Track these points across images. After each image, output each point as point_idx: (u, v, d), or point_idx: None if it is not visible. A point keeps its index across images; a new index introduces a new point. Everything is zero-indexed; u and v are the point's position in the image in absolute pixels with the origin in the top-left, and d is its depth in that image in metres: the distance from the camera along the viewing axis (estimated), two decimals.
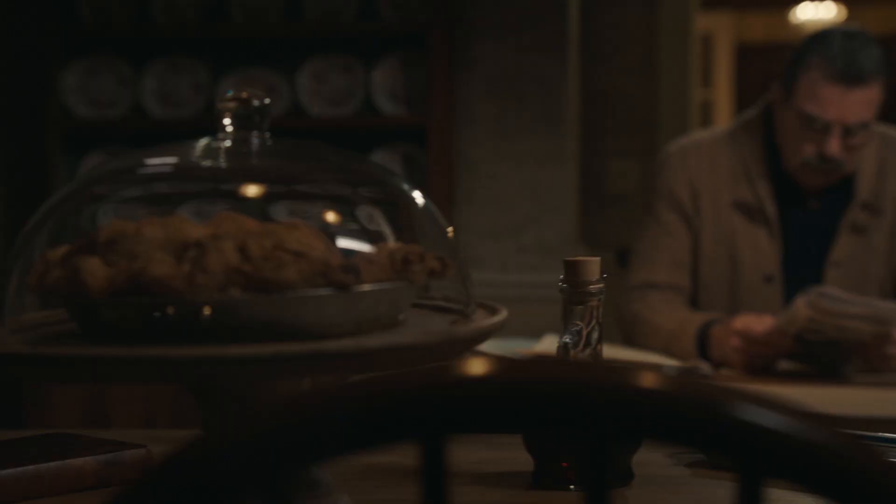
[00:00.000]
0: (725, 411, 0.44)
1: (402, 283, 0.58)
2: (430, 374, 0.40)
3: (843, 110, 1.95)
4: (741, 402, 0.45)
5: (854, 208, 2.07)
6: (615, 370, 0.44)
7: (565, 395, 0.41)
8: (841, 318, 1.79)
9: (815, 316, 1.79)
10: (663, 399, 0.43)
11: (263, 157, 0.64)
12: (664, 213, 2.17)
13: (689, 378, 0.44)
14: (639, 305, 2.14)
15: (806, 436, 0.43)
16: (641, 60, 4.13)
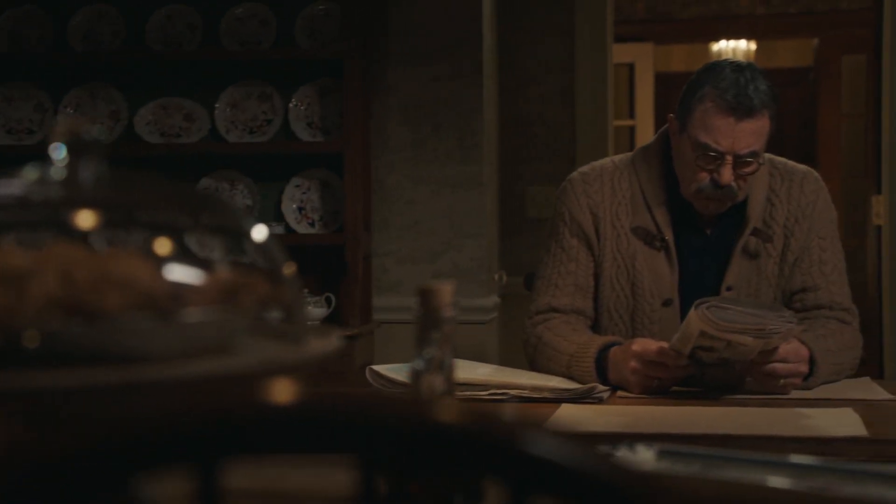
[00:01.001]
0: (497, 439, 0.47)
1: (231, 310, 0.62)
2: (208, 400, 0.43)
3: (734, 140, 2.02)
4: (512, 431, 0.49)
5: (746, 234, 2.14)
6: (395, 401, 0.47)
7: (336, 424, 0.45)
8: (729, 332, 1.84)
9: (706, 329, 1.84)
10: (430, 428, 0.46)
11: (95, 186, 0.66)
12: (567, 239, 2.22)
13: (469, 407, 0.48)
14: (542, 329, 2.18)
15: (569, 460, 0.47)
16: (560, 89, 4.21)
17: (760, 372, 1.93)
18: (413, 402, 0.45)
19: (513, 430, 0.47)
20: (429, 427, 0.45)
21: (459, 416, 0.48)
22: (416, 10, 3.15)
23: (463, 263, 3.19)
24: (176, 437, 0.42)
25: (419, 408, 0.44)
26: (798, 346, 1.95)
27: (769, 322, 1.85)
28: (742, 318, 1.85)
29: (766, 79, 2.07)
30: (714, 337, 1.85)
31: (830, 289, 2.17)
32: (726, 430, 1.67)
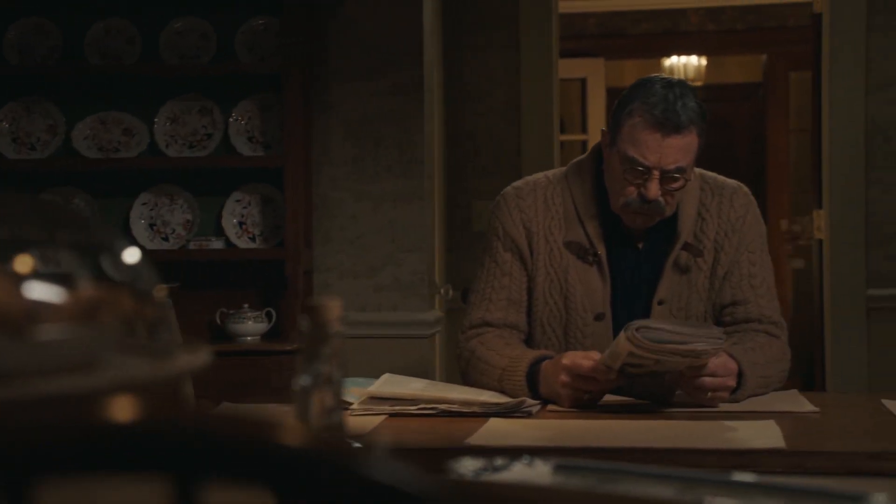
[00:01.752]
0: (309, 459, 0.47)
1: (93, 327, 0.62)
2: (20, 420, 0.43)
3: (662, 156, 2.03)
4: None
5: (677, 249, 2.16)
6: (220, 422, 0.47)
7: (149, 445, 0.45)
8: (658, 354, 1.86)
9: (635, 350, 1.85)
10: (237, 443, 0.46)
11: None
12: (500, 254, 2.23)
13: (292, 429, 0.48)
14: (475, 343, 2.19)
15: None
16: (506, 104, 4.23)
17: (689, 385, 1.95)
18: (227, 422, 0.45)
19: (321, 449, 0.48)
20: (247, 447, 0.45)
21: (286, 437, 0.48)
22: (356, 26, 3.16)
23: (404, 278, 3.20)
24: None
25: (229, 427, 0.45)
26: (727, 360, 1.97)
27: (698, 342, 1.87)
28: (671, 338, 1.86)
29: (696, 96, 2.09)
30: (643, 357, 1.86)
31: (759, 302, 2.19)
32: (648, 443, 1.68)
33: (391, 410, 1.95)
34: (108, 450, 0.46)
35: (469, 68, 4.23)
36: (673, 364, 1.89)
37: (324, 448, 0.48)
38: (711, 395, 1.95)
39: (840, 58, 3.95)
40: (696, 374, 1.93)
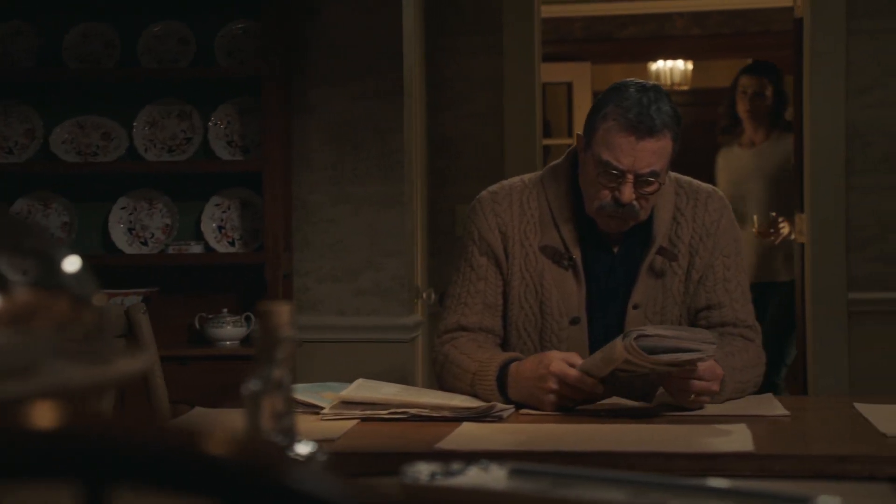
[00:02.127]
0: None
1: (27, 332, 0.62)
2: None
3: (636, 159, 2.03)
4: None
5: (652, 253, 2.16)
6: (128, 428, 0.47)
7: (61, 449, 0.45)
8: (654, 364, 1.86)
9: (631, 358, 1.85)
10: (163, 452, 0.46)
11: None
12: (476, 258, 2.23)
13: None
14: (448, 347, 2.19)
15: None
16: (489, 108, 4.24)
17: (675, 386, 1.95)
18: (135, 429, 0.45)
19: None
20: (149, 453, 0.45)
21: (200, 444, 0.48)
22: (336, 29, 3.16)
23: (384, 282, 3.20)
24: None
25: (139, 434, 0.45)
26: (714, 364, 1.97)
27: (693, 350, 1.86)
28: (666, 344, 1.86)
29: (670, 100, 2.10)
30: (638, 365, 1.86)
31: (734, 306, 2.19)
32: (618, 447, 1.69)
33: (362, 415, 1.95)
34: (21, 455, 0.46)
35: (452, 72, 4.24)
36: (665, 371, 1.90)
37: (238, 455, 0.48)
38: (695, 398, 1.96)
39: (820, 62, 3.97)
40: (684, 376, 1.93)
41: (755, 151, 4.57)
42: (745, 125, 4.58)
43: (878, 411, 1.90)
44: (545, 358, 2.02)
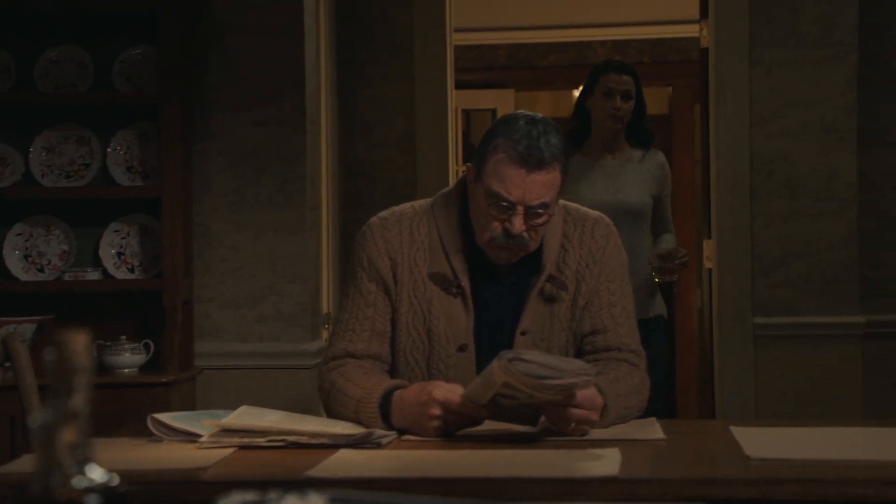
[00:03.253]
0: None
1: None
2: None
3: (525, 191, 2.05)
4: None
5: (541, 281, 2.18)
6: None
7: None
8: (533, 389, 1.87)
9: (509, 381, 1.86)
10: None
11: None
12: (365, 284, 2.23)
13: None
14: (335, 374, 2.18)
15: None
16: (401, 134, 4.26)
17: (555, 414, 1.97)
18: None
19: None
20: None
21: None
22: (238, 56, 3.16)
23: (286, 308, 3.19)
24: None
25: None
26: (594, 394, 1.99)
27: (570, 377, 1.88)
28: (543, 372, 1.87)
29: (559, 133, 2.12)
30: (517, 389, 1.87)
31: (619, 331, 2.22)
32: (488, 473, 1.70)
33: (240, 443, 1.94)
34: None
35: (364, 99, 4.25)
36: (544, 397, 1.91)
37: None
38: (575, 427, 1.97)
39: (725, 92, 4.04)
40: (563, 404, 1.95)
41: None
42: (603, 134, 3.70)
43: (751, 435, 1.93)
44: (429, 385, 2.03)
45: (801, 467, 1.67)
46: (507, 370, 1.84)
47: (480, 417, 1.99)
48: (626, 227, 3.41)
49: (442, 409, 1.97)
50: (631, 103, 3.66)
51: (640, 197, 3.63)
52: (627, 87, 3.65)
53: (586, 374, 1.90)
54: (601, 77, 3.68)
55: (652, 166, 3.70)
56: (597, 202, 3.36)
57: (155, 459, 1.84)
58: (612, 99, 3.63)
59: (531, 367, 1.86)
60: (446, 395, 1.97)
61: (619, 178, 3.62)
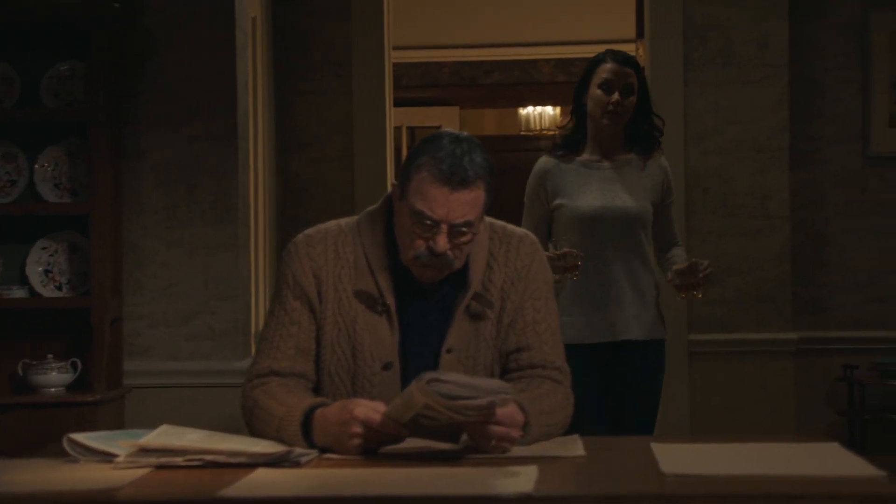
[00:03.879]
0: None
1: None
2: None
3: (449, 210, 2.05)
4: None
5: (467, 299, 2.18)
6: None
7: None
8: (450, 410, 1.87)
9: (428, 402, 1.86)
10: None
11: None
12: (290, 302, 2.21)
13: None
14: (258, 392, 2.17)
15: None
16: (340, 151, 4.26)
17: (476, 432, 1.97)
18: None
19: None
20: None
21: None
22: (169, 72, 3.14)
23: (218, 326, 3.16)
24: None
25: None
26: (515, 411, 1.99)
27: (487, 396, 1.88)
28: (461, 392, 1.87)
29: (484, 151, 2.12)
30: (436, 410, 1.87)
31: (543, 348, 2.22)
32: (401, 490, 1.69)
33: (157, 462, 1.92)
34: None
35: (302, 115, 4.25)
36: (464, 418, 1.91)
37: None
38: (496, 444, 1.97)
39: (661, 110, 4.08)
40: (483, 421, 1.95)
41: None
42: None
43: (670, 451, 1.94)
44: (350, 403, 2.02)
45: (714, 483, 1.68)
46: (425, 392, 1.84)
47: (402, 436, 1.98)
48: (624, 235, 3.21)
49: (363, 427, 1.97)
50: (631, 99, 3.16)
51: (639, 203, 3.23)
52: (629, 81, 3.15)
53: (505, 393, 1.90)
54: (598, 67, 3.19)
55: (654, 170, 3.28)
56: (591, 209, 3.19)
57: (68, 480, 1.81)
58: (609, 92, 3.15)
59: (449, 387, 1.86)
60: (368, 414, 1.97)
61: (617, 183, 3.22)
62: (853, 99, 4.19)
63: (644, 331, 3.19)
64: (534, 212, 3.31)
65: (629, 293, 3.19)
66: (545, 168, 3.31)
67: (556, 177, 3.26)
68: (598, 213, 3.19)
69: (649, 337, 3.20)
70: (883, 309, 4.21)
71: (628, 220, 3.20)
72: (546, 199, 3.28)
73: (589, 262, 3.12)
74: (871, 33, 4.14)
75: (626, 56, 3.22)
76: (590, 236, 3.18)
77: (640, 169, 3.25)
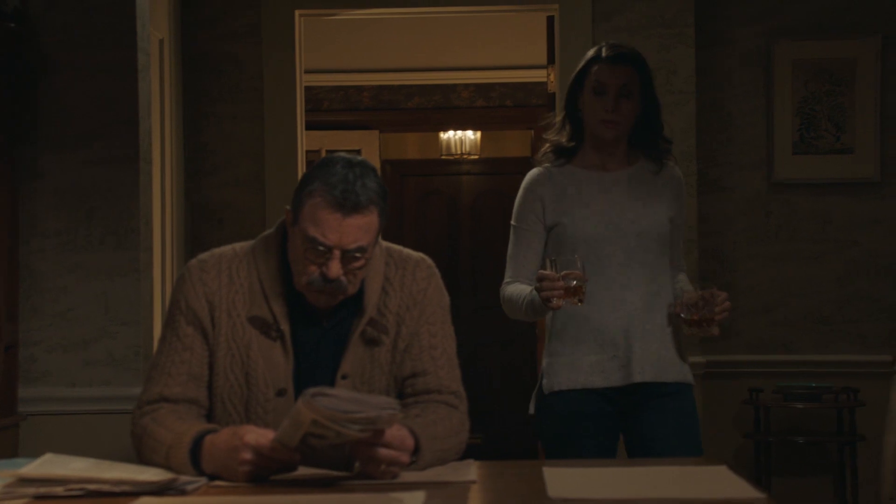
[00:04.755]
0: None
1: None
2: None
3: (342, 235, 2.04)
4: None
5: (362, 324, 2.17)
6: None
7: None
8: (337, 423, 1.85)
9: (317, 418, 1.84)
10: None
11: None
12: (182, 327, 2.19)
13: None
14: (147, 420, 2.13)
15: None
16: (251, 175, 4.23)
17: (364, 456, 1.95)
18: None
19: None
20: None
21: None
22: (68, 93, 3.09)
23: (118, 352, 3.11)
24: None
25: None
26: (405, 435, 1.98)
27: (373, 410, 1.88)
28: (347, 407, 1.86)
29: (377, 176, 2.12)
30: (324, 426, 1.85)
31: (439, 373, 2.22)
32: None
33: (36, 493, 1.87)
34: None
35: (213, 138, 4.21)
36: (353, 435, 1.89)
37: None
38: (385, 469, 1.96)
39: None
40: (371, 443, 1.93)
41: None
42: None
43: (560, 475, 1.95)
44: (240, 430, 2.00)
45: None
46: (311, 406, 1.82)
47: (293, 461, 1.96)
48: (639, 257, 2.68)
49: (253, 453, 1.95)
50: (632, 103, 2.67)
51: (656, 215, 2.70)
52: (625, 82, 2.66)
53: (392, 408, 1.89)
54: (590, 68, 2.70)
55: (669, 180, 2.75)
56: (598, 228, 2.67)
57: None
58: (603, 97, 2.66)
59: (335, 401, 1.85)
60: (257, 440, 1.95)
61: (627, 193, 2.71)
62: (758, 126, 4.28)
63: (666, 372, 2.67)
64: (526, 236, 2.74)
65: (646, 326, 2.67)
66: (537, 180, 2.75)
67: (551, 190, 2.72)
68: (607, 232, 2.67)
69: (674, 379, 2.69)
70: (786, 333, 4.29)
71: (645, 237, 2.68)
72: (541, 217, 2.71)
73: (597, 289, 2.61)
74: (774, 62, 4.23)
75: (622, 52, 2.70)
76: (597, 261, 2.65)
77: (653, 174, 2.73)
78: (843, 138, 4.23)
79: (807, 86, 4.24)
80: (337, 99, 7.37)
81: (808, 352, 4.24)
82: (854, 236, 4.28)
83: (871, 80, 4.20)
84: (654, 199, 2.70)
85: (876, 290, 4.27)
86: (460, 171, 8.29)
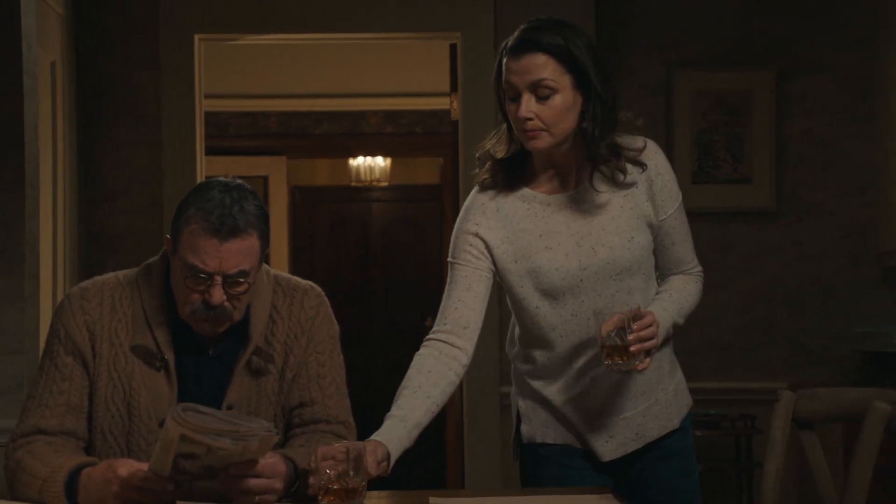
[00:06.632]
0: None
1: None
2: None
3: (221, 261, 2.00)
4: None
5: (248, 353, 2.13)
6: None
7: None
8: (207, 435, 1.80)
9: (185, 432, 1.80)
10: None
11: None
12: (61, 357, 2.13)
13: None
14: (22, 453, 2.07)
15: None
16: (149, 201, 4.15)
17: (236, 488, 1.91)
18: None
19: None
20: None
21: None
22: None
23: (2, 383, 3.01)
24: None
25: None
26: (276, 461, 1.95)
27: (244, 425, 1.84)
28: (219, 425, 1.83)
29: (257, 199, 2.08)
30: (194, 442, 1.80)
31: (327, 403, 2.18)
32: None
33: None
34: None
35: (110, 164, 4.13)
36: (224, 452, 1.84)
37: None
38: (259, 499, 1.92)
39: (473, 164, 4.13)
40: (242, 474, 1.89)
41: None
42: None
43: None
44: (115, 462, 1.95)
45: None
46: (180, 420, 1.78)
47: (168, 491, 1.90)
48: (617, 297, 2.15)
49: (123, 485, 1.90)
50: (554, 100, 2.04)
51: (631, 241, 2.14)
52: (536, 77, 2.03)
53: (267, 430, 1.86)
54: (500, 65, 2.09)
55: (637, 180, 2.17)
56: (562, 274, 2.11)
57: None
58: (517, 102, 2.05)
59: (207, 419, 1.81)
60: (131, 472, 1.90)
61: (591, 221, 2.15)
62: None
63: (660, 426, 2.27)
64: (464, 276, 2.16)
65: (630, 384, 2.23)
66: (478, 208, 2.18)
67: (496, 224, 2.15)
68: (574, 277, 2.13)
69: (659, 434, 2.27)
70: (687, 360, 4.32)
71: (621, 274, 2.15)
72: (484, 254, 2.15)
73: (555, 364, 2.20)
74: (674, 92, 4.29)
75: (532, 36, 2.05)
76: (564, 312, 2.14)
77: (617, 187, 2.15)
78: (740, 168, 4.30)
79: (705, 116, 4.31)
80: (243, 124, 7.30)
81: (708, 379, 4.28)
82: (754, 265, 4.34)
83: (767, 111, 4.28)
84: (624, 215, 2.15)
85: (775, 317, 4.34)
86: (371, 198, 8.26)
